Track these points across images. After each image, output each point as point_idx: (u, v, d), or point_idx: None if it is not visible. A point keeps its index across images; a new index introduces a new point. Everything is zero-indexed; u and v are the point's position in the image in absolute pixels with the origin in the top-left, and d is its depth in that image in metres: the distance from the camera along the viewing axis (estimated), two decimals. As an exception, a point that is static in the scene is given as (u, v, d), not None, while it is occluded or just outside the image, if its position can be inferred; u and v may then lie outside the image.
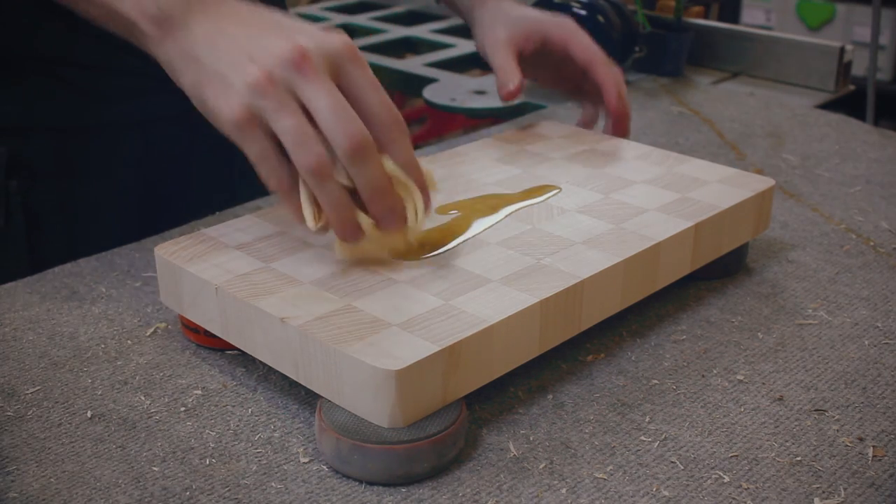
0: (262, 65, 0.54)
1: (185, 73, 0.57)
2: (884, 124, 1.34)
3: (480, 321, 0.53)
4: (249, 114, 0.54)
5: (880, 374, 0.60)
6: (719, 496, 0.50)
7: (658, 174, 0.74)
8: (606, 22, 1.19)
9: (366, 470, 0.50)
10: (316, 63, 0.53)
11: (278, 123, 0.53)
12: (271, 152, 0.54)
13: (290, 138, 0.53)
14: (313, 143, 0.53)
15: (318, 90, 0.53)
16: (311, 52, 0.54)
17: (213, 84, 0.55)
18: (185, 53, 0.57)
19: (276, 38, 0.55)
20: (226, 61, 0.55)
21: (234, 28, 0.57)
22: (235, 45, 0.55)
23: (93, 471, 0.51)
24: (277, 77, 0.53)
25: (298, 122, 0.53)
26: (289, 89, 0.53)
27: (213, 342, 0.61)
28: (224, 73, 0.55)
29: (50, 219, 0.82)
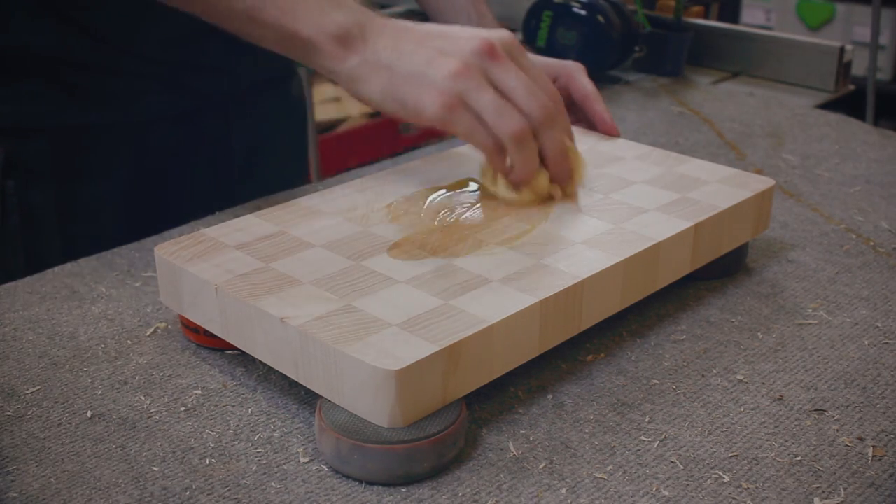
0: (457, 56, 0.62)
1: (374, 82, 0.64)
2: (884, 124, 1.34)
3: (480, 321, 0.53)
4: (453, 99, 0.62)
5: (880, 374, 0.60)
6: (719, 496, 0.50)
7: (658, 174, 0.74)
8: (606, 22, 1.19)
9: (366, 470, 0.50)
10: (501, 51, 0.63)
11: (481, 101, 0.62)
12: (478, 125, 0.63)
13: (492, 111, 0.62)
14: (512, 112, 0.63)
15: (510, 72, 0.63)
16: (496, 42, 0.63)
17: (411, 83, 0.63)
18: (371, 65, 0.64)
19: (459, 37, 0.64)
20: (419, 62, 0.63)
21: (412, 37, 0.65)
22: (423, 48, 0.64)
23: (93, 471, 0.51)
24: (473, 65, 0.62)
25: (495, 96, 0.62)
26: (483, 73, 0.62)
27: (213, 342, 0.61)
28: (421, 71, 0.63)
29: (46, 219, 0.82)
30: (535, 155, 0.65)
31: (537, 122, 0.64)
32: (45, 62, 0.80)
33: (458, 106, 0.62)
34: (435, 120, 0.63)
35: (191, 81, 0.86)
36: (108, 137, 0.83)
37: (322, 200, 0.68)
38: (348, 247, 0.61)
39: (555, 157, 0.66)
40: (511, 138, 0.63)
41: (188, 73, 0.85)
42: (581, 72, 0.87)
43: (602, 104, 0.84)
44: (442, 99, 0.62)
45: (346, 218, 0.66)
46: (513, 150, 0.64)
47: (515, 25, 1.34)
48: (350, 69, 0.65)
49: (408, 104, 0.63)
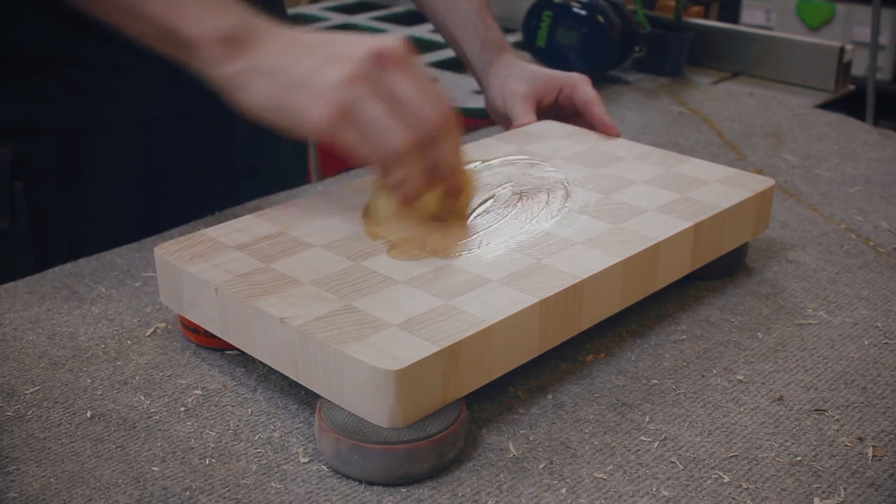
0: (344, 65, 0.58)
1: (256, 90, 0.60)
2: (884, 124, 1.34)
3: (480, 321, 0.53)
4: (341, 108, 0.58)
5: (880, 374, 0.60)
6: (719, 496, 0.50)
7: (658, 174, 0.74)
8: (606, 22, 1.19)
9: (366, 470, 0.50)
10: (393, 57, 0.59)
11: (368, 112, 0.58)
12: (364, 139, 0.59)
13: (378, 123, 0.58)
14: (398, 126, 0.58)
15: (401, 80, 0.59)
16: (387, 49, 0.59)
17: (296, 91, 0.59)
18: (255, 71, 0.60)
19: (349, 44, 0.60)
20: (307, 69, 0.59)
21: (301, 44, 0.61)
22: (312, 55, 0.60)
23: (93, 471, 0.51)
24: (363, 72, 0.58)
25: (385, 110, 0.58)
26: (373, 82, 0.58)
27: (213, 342, 0.61)
28: (307, 78, 0.59)
29: (54, 219, 0.82)
30: (420, 170, 0.60)
31: (426, 134, 0.59)
32: (50, 62, 0.80)
33: (343, 117, 0.58)
34: (320, 131, 0.59)
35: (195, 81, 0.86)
36: (114, 137, 0.83)
37: (322, 200, 0.68)
38: (348, 247, 0.61)
39: (444, 172, 0.62)
40: (395, 153, 0.59)
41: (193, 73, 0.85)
42: (585, 81, 0.88)
43: (602, 108, 0.85)
44: (328, 108, 0.58)
45: (345, 218, 0.65)
46: (396, 165, 0.59)
47: (515, 25, 1.34)
48: (232, 75, 0.61)
49: (291, 113, 0.60)
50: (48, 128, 0.81)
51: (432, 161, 0.60)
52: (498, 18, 0.99)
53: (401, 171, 0.59)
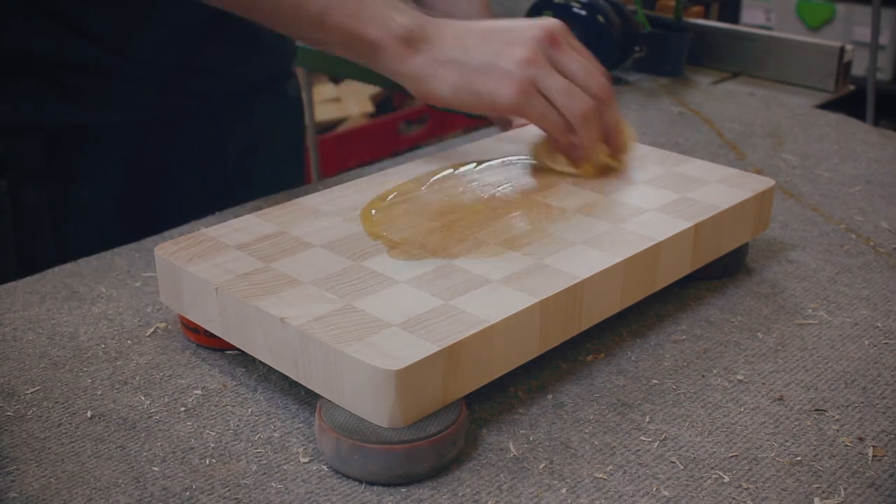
0: (523, 46, 0.67)
1: (444, 79, 0.68)
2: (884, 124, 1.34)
3: (480, 321, 0.53)
4: (527, 84, 0.67)
5: (880, 374, 0.60)
6: (719, 496, 0.50)
7: (658, 174, 0.74)
8: (606, 22, 1.19)
9: (366, 470, 0.50)
10: (561, 39, 0.68)
11: (552, 85, 0.67)
12: (551, 109, 0.68)
13: (562, 93, 0.67)
14: (580, 93, 0.68)
15: (571, 56, 0.68)
16: (554, 30, 0.68)
17: (482, 75, 0.67)
18: (439, 62, 0.68)
19: (520, 27, 0.68)
20: (488, 53, 0.67)
21: (473, 33, 0.69)
22: (488, 42, 0.68)
23: (93, 471, 0.51)
24: (539, 52, 0.67)
25: (565, 81, 0.67)
26: (549, 59, 0.67)
27: (213, 342, 0.61)
28: (491, 62, 0.67)
29: (39, 219, 0.82)
30: (599, 131, 0.70)
31: (599, 100, 0.69)
32: (40, 63, 0.80)
33: (530, 91, 0.67)
34: (511, 106, 0.67)
35: (187, 83, 0.86)
36: (104, 138, 0.83)
37: (322, 200, 0.68)
38: (348, 247, 0.61)
39: (613, 132, 0.71)
40: (580, 117, 0.68)
41: (184, 75, 0.85)
42: None
43: None
44: (516, 86, 0.66)
45: (346, 218, 0.66)
46: (581, 127, 0.68)
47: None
48: (417, 68, 0.68)
49: (482, 95, 0.67)
50: (35, 128, 0.81)
51: (603, 123, 0.70)
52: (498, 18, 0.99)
53: (582, 132, 0.68)
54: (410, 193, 0.70)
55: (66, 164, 0.82)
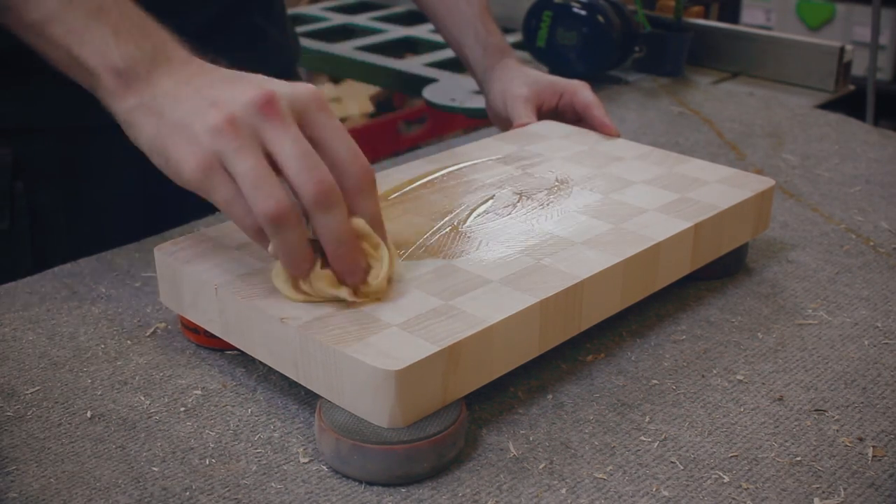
0: (224, 109, 0.52)
1: (145, 129, 0.56)
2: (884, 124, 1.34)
3: (480, 321, 0.53)
4: (211, 160, 0.52)
5: (880, 374, 0.60)
6: (719, 496, 0.50)
7: (658, 174, 0.74)
8: (606, 22, 1.19)
9: (365, 470, 0.50)
10: (282, 108, 0.52)
11: (237, 166, 0.51)
12: (238, 195, 0.52)
13: (248, 181, 0.51)
14: (272, 186, 0.51)
15: (283, 135, 0.52)
16: (277, 97, 0.52)
17: (175, 135, 0.54)
18: (146, 108, 0.56)
19: (241, 85, 0.54)
20: (188, 110, 0.54)
21: (198, 81, 0.56)
22: (199, 95, 0.54)
23: (92, 471, 0.51)
24: (240, 120, 0.52)
25: (257, 163, 0.51)
26: (252, 133, 0.52)
27: (213, 342, 0.61)
28: (186, 122, 0.53)
29: (54, 220, 0.82)
30: (300, 243, 0.53)
31: (307, 200, 0.52)
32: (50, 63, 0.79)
33: (213, 170, 0.52)
34: (191, 182, 0.53)
35: None
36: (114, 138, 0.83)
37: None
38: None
39: (332, 248, 0.53)
40: (265, 218, 0.51)
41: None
42: (585, 87, 0.89)
43: (602, 110, 0.85)
44: (198, 158, 0.52)
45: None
46: (270, 233, 0.52)
47: (515, 25, 1.34)
48: (125, 111, 0.57)
49: (170, 161, 0.54)
50: (49, 128, 0.81)
51: (317, 233, 0.53)
52: (498, 18, 0.99)
53: (275, 240, 0.52)
54: (410, 193, 0.70)
55: (80, 165, 0.82)
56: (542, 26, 1.22)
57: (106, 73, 0.57)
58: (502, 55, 0.95)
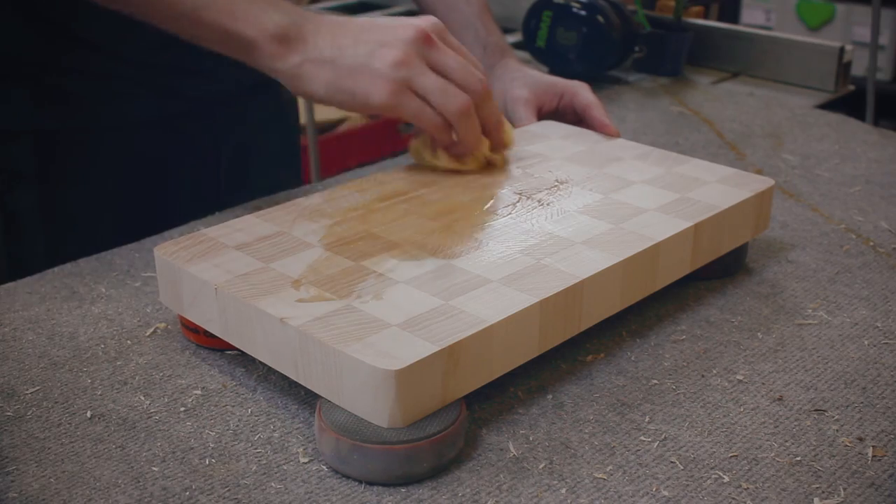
0: (396, 46, 0.66)
1: (318, 78, 0.67)
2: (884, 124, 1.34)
3: (480, 321, 0.53)
4: (400, 85, 0.66)
5: (880, 374, 0.60)
6: (719, 496, 0.50)
7: (658, 174, 0.74)
8: (606, 22, 1.19)
9: (365, 470, 0.50)
10: (436, 38, 0.68)
11: (426, 84, 0.67)
12: (426, 108, 0.68)
13: (438, 92, 0.67)
14: (456, 90, 0.68)
15: (446, 55, 0.68)
16: (428, 30, 0.68)
17: (356, 75, 0.67)
18: (313, 61, 0.67)
19: (394, 27, 0.68)
20: (361, 54, 0.67)
21: (348, 32, 0.68)
22: (362, 42, 0.67)
23: (92, 471, 0.51)
24: (412, 52, 0.67)
25: (437, 78, 0.67)
26: (423, 60, 0.67)
27: (213, 342, 0.61)
28: (364, 63, 0.66)
29: (30, 221, 0.81)
30: (478, 126, 0.70)
31: (477, 96, 0.69)
32: (32, 66, 0.79)
33: (404, 91, 0.67)
34: (384, 107, 0.67)
35: (178, 85, 0.86)
36: (95, 141, 0.83)
37: (322, 200, 0.68)
38: (348, 247, 0.61)
39: (493, 127, 0.72)
40: (457, 114, 0.68)
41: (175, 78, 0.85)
42: (585, 88, 0.90)
43: (602, 111, 0.86)
44: (389, 87, 0.66)
45: (345, 218, 0.66)
46: (460, 124, 0.69)
47: (515, 25, 1.34)
48: (292, 67, 0.68)
49: (356, 94, 0.67)
50: (26, 131, 0.80)
51: (482, 118, 0.70)
52: (498, 18, 0.99)
53: (461, 128, 0.69)
54: (410, 193, 0.70)
55: (57, 168, 0.82)
56: (542, 26, 1.22)
57: (264, 41, 0.67)
58: (502, 55, 0.95)
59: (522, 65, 0.95)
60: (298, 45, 0.68)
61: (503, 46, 0.96)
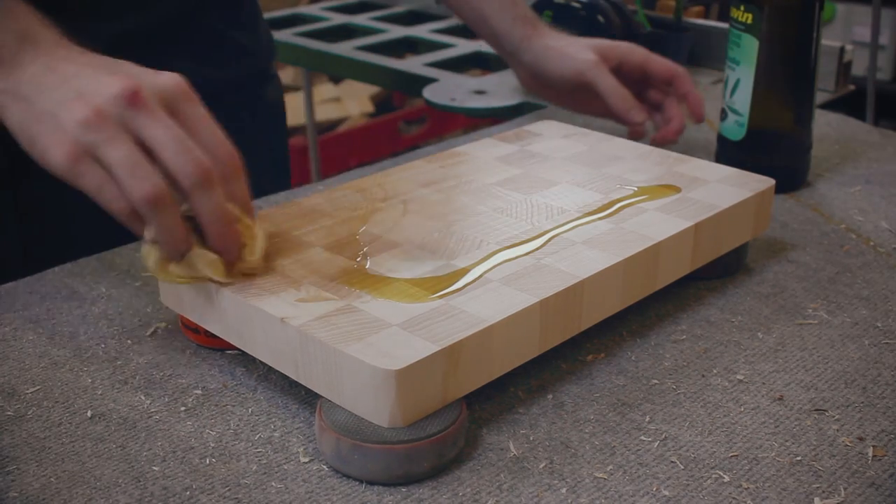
0: (91, 101, 0.53)
1: (12, 113, 0.56)
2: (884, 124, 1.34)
3: (480, 321, 0.53)
4: (80, 150, 0.53)
5: (880, 373, 0.60)
6: (719, 496, 0.50)
7: (658, 174, 0.74)
8: (606, 22, 1.19)
9: (366, 470, 0.50)
10: (148, 99, 0.53)
11: (110, 155, 0.52)
12: (108, 181, 0.53)
13: (122, 168, 0.52)
14: (147, 171, 0.52)
15: (154, 123, 0.53)
16: (144, 88, 0.54)
17: (41, 123, 0.55)
18: (12, 92, 0.56)
19: (107, 76, 0.54)
20: (54, 100, 0.55)
21: (64, 68, 0.56)
22: (65, 84, 0.55)
23: (93, 470, 0.51)
24: (108, 112, 0.53)
25: (130, 150, 0.52)
26: (121, 124, 0.53)
27: (213, 342, 0.61)
28: (52, 111, 0.54)
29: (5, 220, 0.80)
30: (178, 224, 0.54)
31: (185, 183, 0.53)
32: None
33: (84, 158, 0.53)
34: (60, 170, 0.54)
35: None
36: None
37: (322, 200, 0.68)
38: (349, 247, 0.61)
39: (210, 226, 0.55)
40: (143, 202, 0.52)
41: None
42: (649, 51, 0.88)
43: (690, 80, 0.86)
44: (66, 148, 0.53)
45: (346, 218, 0.66)
46: (148, 216, 0.53)
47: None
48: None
49: (36, 146, 0.55)
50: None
51: (196, 213, 0.55)
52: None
53: (152, 222, 0.54)
54: (410, 193, 0.70)
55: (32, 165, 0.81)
56: (542, 26, 1.22)
57: None
58: (535, 25, 0.93)
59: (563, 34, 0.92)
60: (5, 70, 0.57)
61: (532, 17, 0.94)
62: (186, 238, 0.55)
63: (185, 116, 0.55)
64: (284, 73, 2.53)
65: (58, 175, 0.55)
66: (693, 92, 0.87)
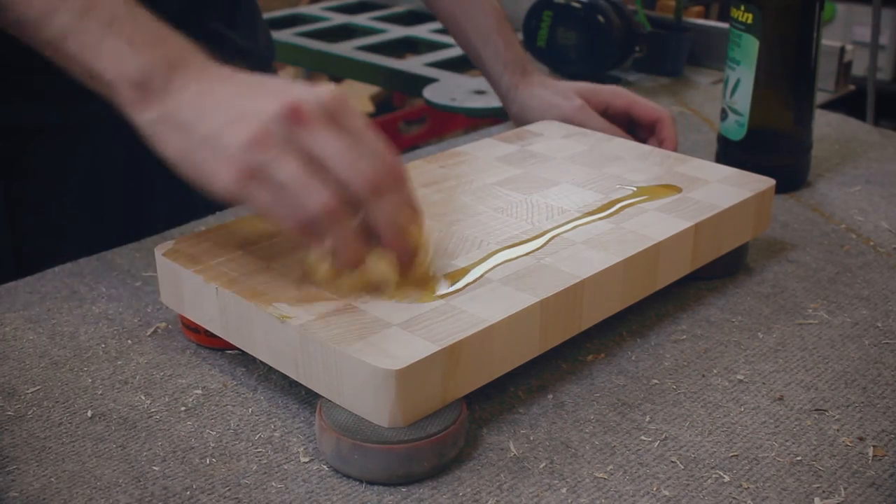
0: (254, 122, 0.53)
1: (171, 142, 0.55)
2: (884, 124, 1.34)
3: (480, 321, 0.53)
4: (249, 171, 0.52)
5: (880, 373, 0.60)
6: (719, 496, 0.50)
7: (658, 174, 0.74)
8: (606, 22, 1.19)
9: (366, 470, 0.50)
10: (310, 114, 0.53)
11: (280, 173, 0.52)
12: (280, 200, 0.53)
13: (295, 185, 0.52)
14: (319, 185, 0.52)
15: (320, 136, 0.53)
16: (304, 103, 0.53)
17: (205, 149, 0.54)
18: (169, 121, 0.55)
19: (266, 96, 0.54)
20: (216, 124, 0.54)
21: (219, 91, 0.55)
22: (223, 107, 0.54)
23: (93, 470, 0.51)
24: (273, 131, 0.52)
25: (298, 168, 0.52)
26: (286, 141, 0.53)
27: (214, 342, 0.61)
28: (215, 136, 0.53)
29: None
30: (352, 234, 0.54)
31: (361, 192, 0.53)
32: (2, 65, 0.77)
33: (253, 179, 0.52)
34: (228, 195, 0.53)
35: None
36: (61, 137, 0.81)
37: (322, 200, 0.68)
38: (348, 247, 0.61)
39: (388, 233, 0.54)
40: (319, 215, 0.52)
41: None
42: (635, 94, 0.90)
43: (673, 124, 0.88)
44: (234, 171, 0.53)
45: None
46: (325, 228, 0.53)
47: (516, 25, 1.33)
48: (147, 123, 0.56)
49: (202, 173, 0.54)
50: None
51: (372, 220, 0.54)
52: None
53: (327, 235, 0.53)
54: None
55: (22, 163, 0.80)
56: (542, 26, 1.22)
57: (123, 86, 0.56)
58: (524, 71, 0.94)
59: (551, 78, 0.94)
60: (158, 99, 0.55)
61: (523, 61, 0.94)
62: (361, 248, 0.54)
63: (347, 128, 0.54)
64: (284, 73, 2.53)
65: (226, 198, 0.54)
66: (671, 138, 0.87)
